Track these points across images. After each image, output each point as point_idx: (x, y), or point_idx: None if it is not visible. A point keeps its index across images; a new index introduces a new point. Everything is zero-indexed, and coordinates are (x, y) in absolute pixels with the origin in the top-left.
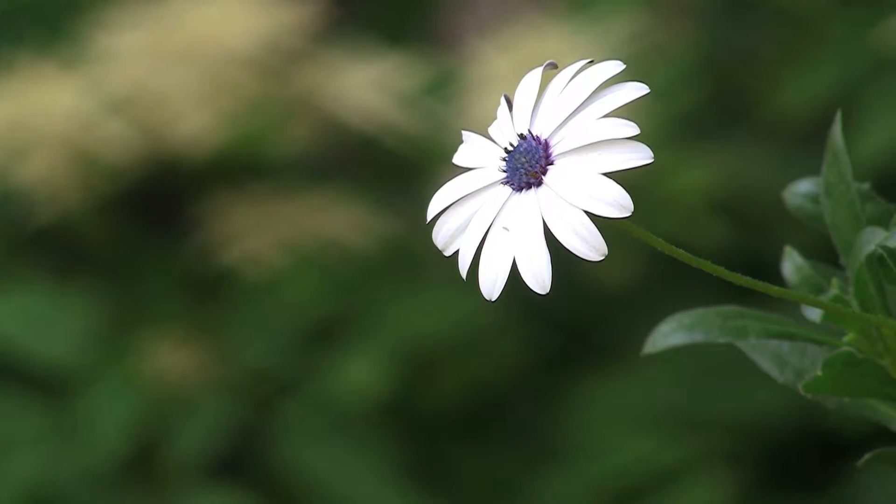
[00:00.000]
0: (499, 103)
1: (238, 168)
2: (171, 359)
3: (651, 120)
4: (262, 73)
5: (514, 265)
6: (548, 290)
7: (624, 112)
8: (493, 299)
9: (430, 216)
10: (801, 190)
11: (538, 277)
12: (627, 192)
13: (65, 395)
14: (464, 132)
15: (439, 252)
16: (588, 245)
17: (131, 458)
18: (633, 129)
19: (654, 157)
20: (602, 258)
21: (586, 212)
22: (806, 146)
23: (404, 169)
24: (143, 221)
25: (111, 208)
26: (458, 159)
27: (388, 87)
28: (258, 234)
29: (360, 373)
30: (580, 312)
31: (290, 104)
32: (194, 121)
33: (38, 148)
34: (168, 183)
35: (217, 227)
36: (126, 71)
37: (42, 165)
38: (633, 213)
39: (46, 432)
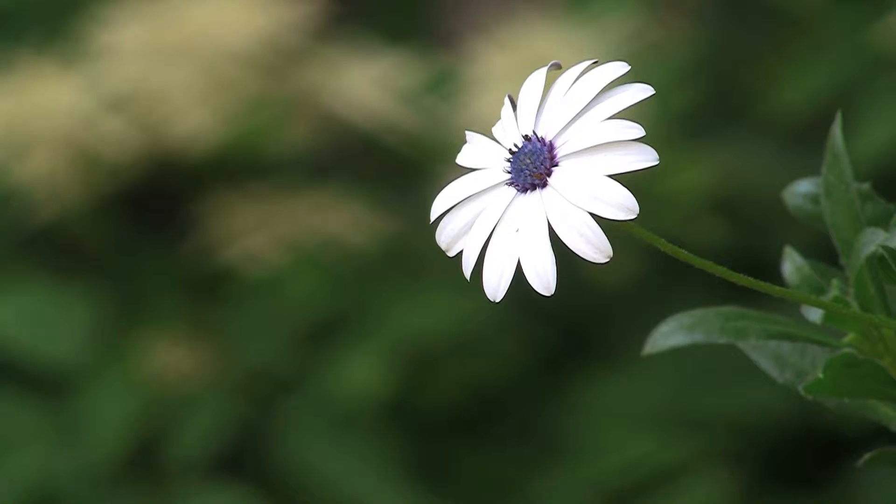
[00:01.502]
0: (499, 102)
1: (238, 166)
2: (171, 357)
3: (649, 119)
4: (262, 71)
5: (518, 266)
6: (553, 292)
7: (625, 112)
8: (498, 300)
9: (433, 216)
10: (800, 190)
11: (543, 279)
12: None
13: (64, 394)
14: (468, 133)
15: (440, 251)
16: (593, 247)
17: (131, 456)
18: (638, 131)
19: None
20: (607, 260)
21: (591, 214)
22: (804, 144)
23: (404, 167)
24: (143, 220)
25: (111, 207)
26: (461, 160)
27: (388, 86)
28: (258, 232)
29: (361, 372)
30: (580, 312)
31: (290, 102)
32: (194, 119)
33: (38, 146)
34: (168, 181)
35: (217, 226)
36: (125, 69)
37: (41, 164)
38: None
39: (46, 431)
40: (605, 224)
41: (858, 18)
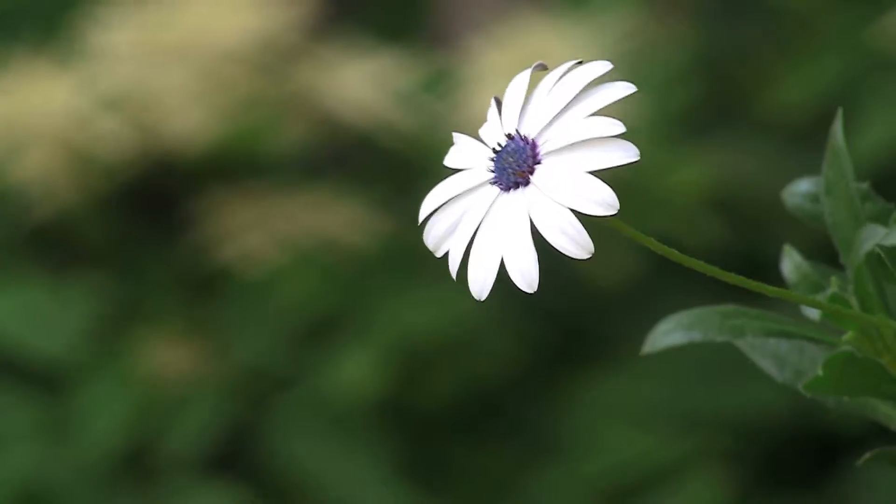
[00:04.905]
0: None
1: (234, 165)
2: (167, 356)
3: (648, 117)
4: (258, 70)
5: (502, 264)
6: (535, 289)
7: (618, 110)
8: (482, 299)
9: (421, 218)
10: (800, 189)
11: (526, 276)
12: (616, 189)
13: (61, 392)
14: (454, 134)
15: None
16: (575, 243)
17: (126, 454)
18: (619, 128)
19: (651, 155)
20: (589, 256)
21: (573, 210)
22: (803, 143)
23: (401, 166)
24: (140, 218)
25: (107, 205)
26: (448, 161)
27: (385, 84)
28: (254, 231)
29: (356, 370)
30: (577, 310)
31: (285, 101)
32: (190, 118)
33: (34, 146)
34: (164, 180)
35: (213, 225)
36: (121, 68)
37: (38, 163)
38: (619, 211)
39: (42, 428)
40: (594, 223)
41: (857, 17)
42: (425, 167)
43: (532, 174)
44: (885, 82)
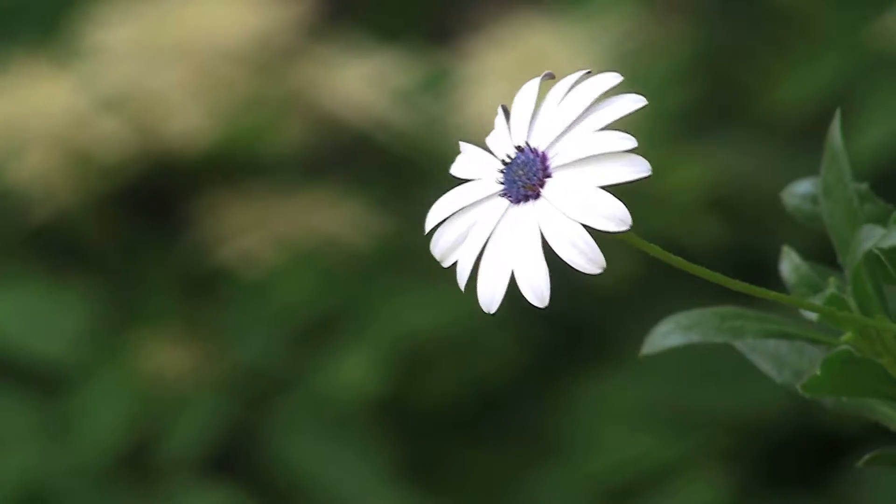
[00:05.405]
0: (495, 99)
1: (233, 165)
2: (166, 356)
3: (647, 117)
4: (256, 70)
5: (512, 278)
6: (546, 304)
7: (619, 122)
8: (492, 312)
9: (427, 228)
10: (799, 190)
11: (537, 291)
12: (624, 197)
13: (60, 393)
14: (461, 143)
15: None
16: (586, 258)
17: (125, 455)
18: (631, 142)
19: (651, 154)
20: (601, 271)
21: (584, 225)
22: (803, 143)
23: (400, 165)
24: (139, 219)
25: (107, 206)
26: (455, 170)
27: (384, 84)
28: (254, 231)
29: (356, 370)
30: (578, 310)
31: (284, 101)
32: (188, 118)
33: (33, 146)
34: (163, 180)
35: (212, 225)
36: (119, 68)
37: (37, 164)
38: (631, 226)
39: (41, 429)
40: (598, 232)
41: (856, 16)
42: (425, 167)
43: (542, 187)
44: (884, 82)
